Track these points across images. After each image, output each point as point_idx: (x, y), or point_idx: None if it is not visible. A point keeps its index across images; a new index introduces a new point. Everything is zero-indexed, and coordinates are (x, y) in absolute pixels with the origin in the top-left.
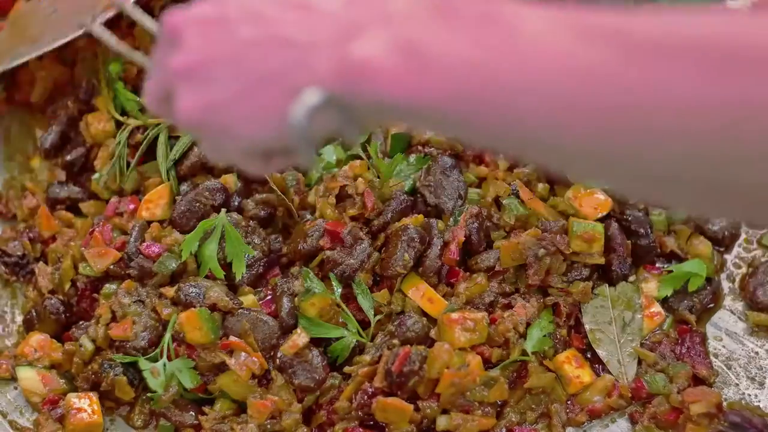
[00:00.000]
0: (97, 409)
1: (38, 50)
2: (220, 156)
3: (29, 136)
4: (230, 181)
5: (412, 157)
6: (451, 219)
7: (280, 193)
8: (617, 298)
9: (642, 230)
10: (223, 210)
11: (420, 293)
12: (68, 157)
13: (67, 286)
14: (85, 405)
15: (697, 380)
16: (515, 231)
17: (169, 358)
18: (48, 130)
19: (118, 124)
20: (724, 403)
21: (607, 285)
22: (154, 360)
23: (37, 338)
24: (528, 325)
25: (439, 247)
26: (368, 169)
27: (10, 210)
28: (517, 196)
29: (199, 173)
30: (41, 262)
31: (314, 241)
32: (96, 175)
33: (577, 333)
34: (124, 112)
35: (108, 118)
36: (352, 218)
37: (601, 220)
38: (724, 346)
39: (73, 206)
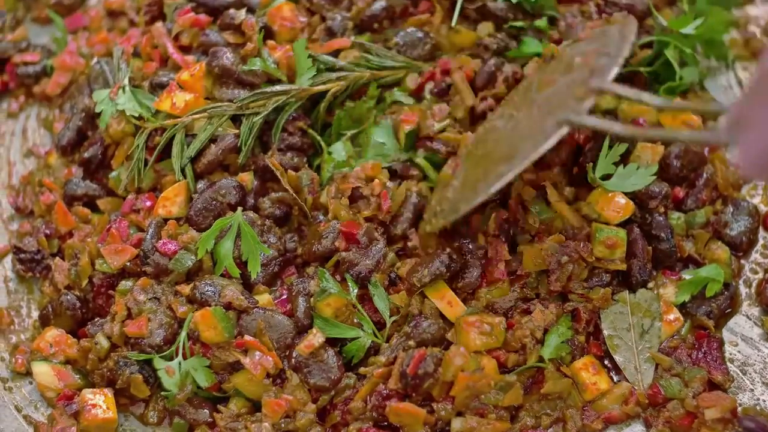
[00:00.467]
0: (111, 405)
1: (522, 163)
2: None
3: (47, 132)
4: (247, 179)
5: (420, 152)
6: (482, 221)
7: (293, 192)
8: (637, 305)
9: (663, 234)
10: (240, 208)
11: (440, 295)
12: (85, 154)
13: (85, 282)
14: (99, 401)
15: (712, 385)
16: (540, 235)
17: (185, 357)
18: (65, 126)
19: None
20: (739, 409)
21: (627, 291)
22: (169, 358)
23: (53, 333)
24: (546, 331)
25: (479, 267)
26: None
27: (27, 206)
28: (544, 199)
29: (215, 171)
30: (58, 258)
31: (329, 243)
32: (113, 174)
33: (596, 340)
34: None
35: (127, 119)
36: (367, 219)
37: (622, 224)
38: (739, 352)
39: (89, 203)
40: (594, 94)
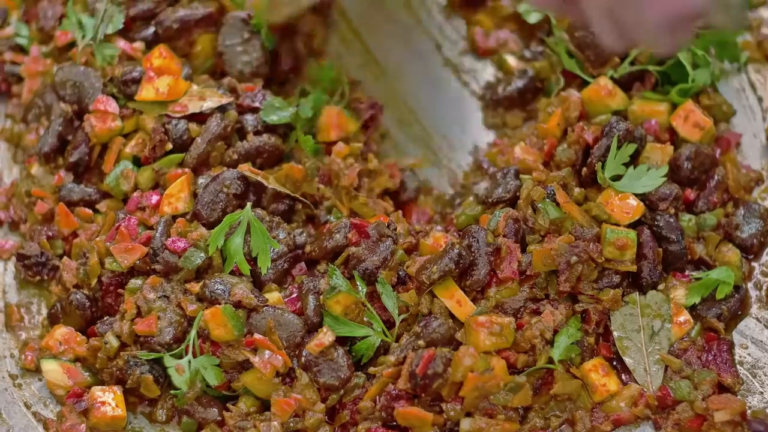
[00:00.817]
0: (120, 403)
1: None
2: (630, 34)
3: (18, 143)
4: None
5: None
6: (491, 221)
7: (286, 190)
8: (647, 307)
9: (673, 236)
10: (249, 204)
11: (449, 294)
12: (71, 158)
13: (94, 281)
14: (109, 398)
15: (721, 388)
16: (549, 235)
17: (194, 355)
18: (45, 133)
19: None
20: (748, 412)
21: (637, 293)
22: (179, 357)
23: (62, 331)
24: (555, 332)
25: (487, 265)
26: None
27: (21, 217)
28: (553, 200)
29: (215, 164)
30: (66, 257)
31: (341, 237)
32: (109, 179)
33: (605, 341)
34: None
35: (113, 117)
36: None
37: (632, 225)
38: (749, 354)
39: (86, 205)
40: None
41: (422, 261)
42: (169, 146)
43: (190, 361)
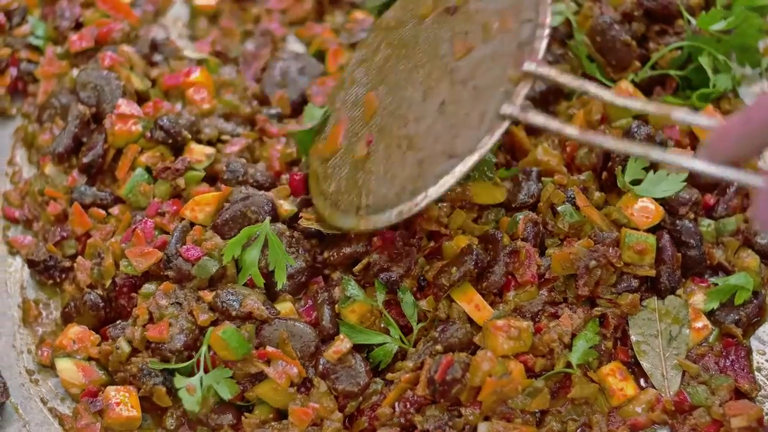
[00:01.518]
0: (135, 404)
1: (466, 164)
2: None
3: (32, 143)
4: (284, 196)
5: None
6: (511, 224)
7: (316, 226)
8: (665, 312)
9: (692, 241)
10: (268, 218)
11: (468, 298)
12: (85, 159)
13: (108, 282)
14: (124, 399)
15: (738, 394)
16: (569, 239)
17: (206, 370)
18: (61, 133)
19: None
20: (765, 418)
21: (655, 297)
22: (190, 371)
23: (75, 330)
24: (573, 336)
25: (504, 266)
26: None
27: (35, 216)
28: (573, 203)
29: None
30: (80, 257)
31: (361, 247)
32: (125, 191)
33: (623, 345)
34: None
35: (135, 120)
36: None
37: (652, 230)
38: (767, 361)
39: (99, 208)
40: (530, 78)
41: (440, 266)
42: None
43: (201, 378)
